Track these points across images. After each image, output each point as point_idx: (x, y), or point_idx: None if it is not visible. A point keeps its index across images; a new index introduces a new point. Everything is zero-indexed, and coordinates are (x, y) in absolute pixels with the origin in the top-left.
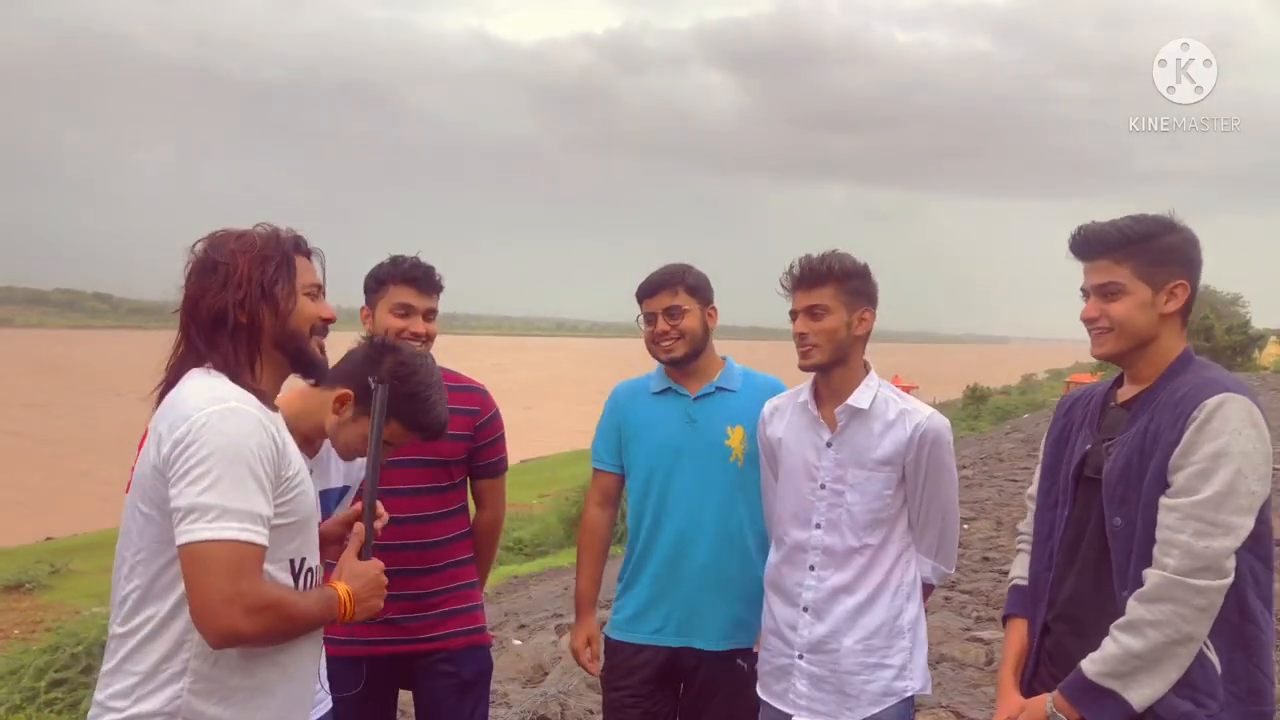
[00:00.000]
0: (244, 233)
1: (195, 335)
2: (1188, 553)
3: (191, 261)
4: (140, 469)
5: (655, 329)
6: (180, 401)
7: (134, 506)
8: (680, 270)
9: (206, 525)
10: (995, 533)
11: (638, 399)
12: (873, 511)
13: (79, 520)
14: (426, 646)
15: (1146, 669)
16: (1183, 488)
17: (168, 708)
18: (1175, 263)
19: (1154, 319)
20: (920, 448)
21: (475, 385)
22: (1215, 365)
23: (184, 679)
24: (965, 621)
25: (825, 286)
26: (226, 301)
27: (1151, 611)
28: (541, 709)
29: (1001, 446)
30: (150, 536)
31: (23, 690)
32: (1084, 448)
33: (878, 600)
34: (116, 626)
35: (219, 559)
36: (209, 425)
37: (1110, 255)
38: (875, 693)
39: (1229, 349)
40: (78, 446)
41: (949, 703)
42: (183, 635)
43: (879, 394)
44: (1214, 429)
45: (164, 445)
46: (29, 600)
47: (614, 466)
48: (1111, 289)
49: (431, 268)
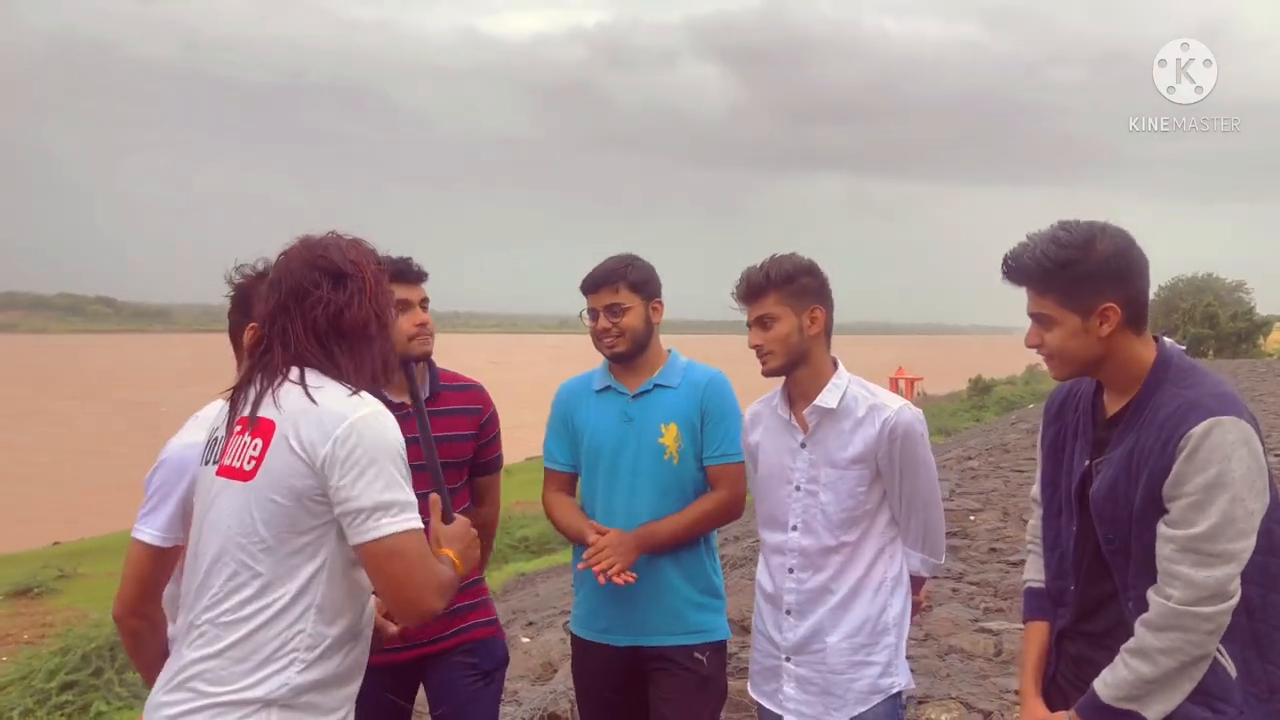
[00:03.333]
0: (356, 241)
1: (331, 343)
2: (1189, 584)
3: (294, 266)
4: (272, 462)
5: (597, 325)
6: (327, 403)
7: (261, 497)
8: (622, 266)
9: (393, 520)
10: (1002, 523)
11: (580, 398)
12: (847, 510)
13: (86, 525)
14: (445, 645)
15: (1161, 689)
16: (1178, 519)
17: (276, 694)
18: (1099, 285)
19: (1092, 342)
20: (891, 443)
21: (475, 384)
22: (1196, 370)
23: (293, 667)
24: (973, 613)
25: (768, 295)
26: (369, 314)
27: (1160, 640)
28: (551, 706)
29: (1007, 437)
30: (281, 524)
31: (34, 693)
32: (1083, 464)
33: (859, 596)
34: (217, 615)
35: (413, 549)
36: (369, 426)
37: (1034, 287)
38: (861, 691)
39: (1233, 336)
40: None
41: (958, 694)
42: (295, 622)
43: (848, 391)
44: (1203, 459)
45: (317, 443)
46: (37, 605)
47: (566, 466)
48: (1043, 320)
49: (409, 258)
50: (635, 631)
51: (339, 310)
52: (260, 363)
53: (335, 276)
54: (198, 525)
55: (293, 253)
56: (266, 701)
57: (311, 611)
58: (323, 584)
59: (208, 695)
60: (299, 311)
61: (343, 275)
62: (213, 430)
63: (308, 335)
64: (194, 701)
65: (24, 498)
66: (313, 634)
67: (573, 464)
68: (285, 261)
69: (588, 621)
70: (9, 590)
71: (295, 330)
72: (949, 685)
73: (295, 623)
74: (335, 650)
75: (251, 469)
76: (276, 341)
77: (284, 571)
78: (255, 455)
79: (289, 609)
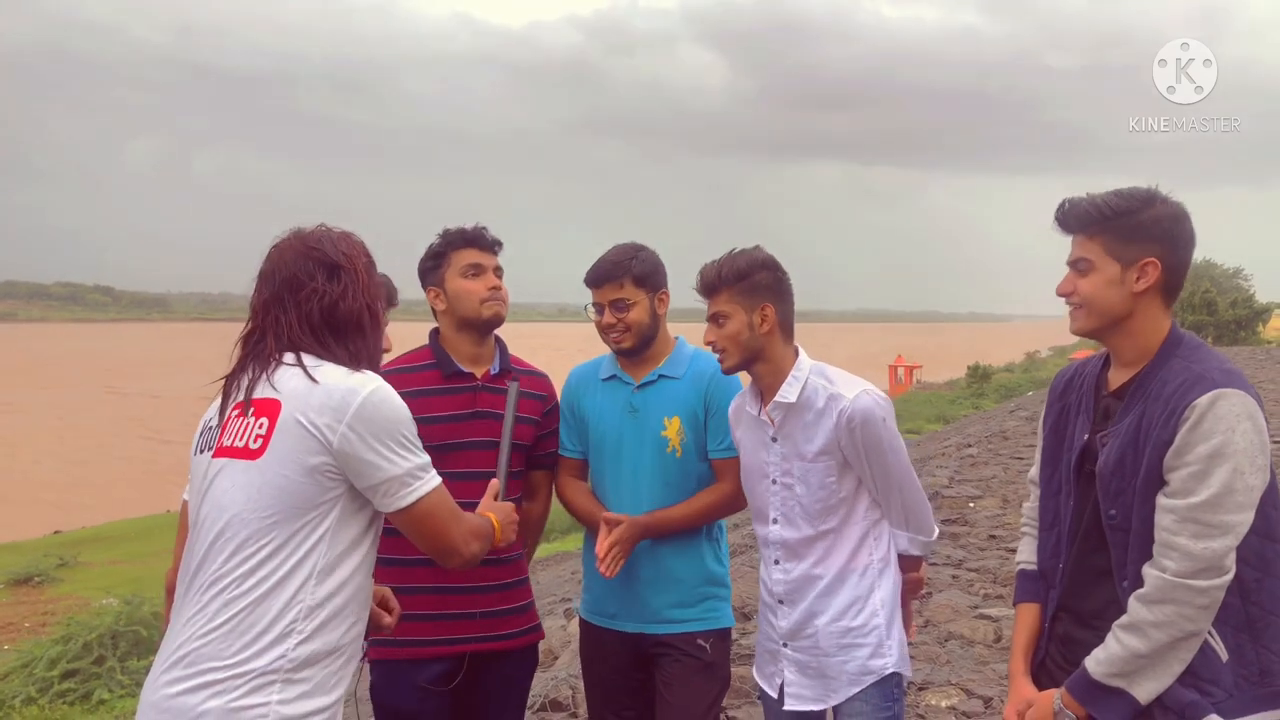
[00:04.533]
0: (346, 234)
1: (325, 334)
2: (1187, 555)
3: (288, 258)
4: (281, 440)
5: (603, 320)
6: (333, 381)
7: (271, 474)
8: (626, 260)
9: (422, 483)
10: (1001, 510)
11: (587, 385)
12: (821, 500)
13: (86, 514)
14: (506, 644)
15: (1151, 666)
16: (1178, 489)
17: (276, 664)
18: (1148, 239)
19: (1124, 296)
20: (850, 431)
21: (542, 373)
22: (1204, 349)
23: (292, 638)
24: (973, 599)
25: (720, 293)
26: (361, 305)
27: (1154, 613)
28: (553, 693)
29: (1006, 424)
30: (290, 499)
31: (36, 681)
32: (1082, 438)
33: (845, 581)
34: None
35: (444, 504)
36: (384, 400)
37: (1085, 230)
38: (853, 672)
39: (1232, 323)
40: (83, 440)
41: (958, 680)
42: (295, 594)
43: (808, 383)
44: (1206, 429)
45: (331, 421)
46: (39, 593)
47: (576, 452)
48: (1082, 265)
49: (484, 228)
50: (642, 618)
51: (333, 302)
52: (253, 351)
53: (329, 268)
54: (195, 507)
55: (286, 244)
56: (266, 672)
57: (310, 583)
58: (322, 556)
59: (209, 670)
60: (293, 303)
61: (336, 267)
62: (205, 423)
63: (301, 326)
64: (196, 679)
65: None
66: (311, 605)
67: (582, 450)
68: (279, 253)
69: (596, 607)
70: (10, 579)
71: (289, 320)
72: (949, 671)
73: (295, 595)
74: (333, 623)
75: (259, 447)
76: (270, 332)
77: (286, 545)
78: (262, 434)
79: (287, 580)
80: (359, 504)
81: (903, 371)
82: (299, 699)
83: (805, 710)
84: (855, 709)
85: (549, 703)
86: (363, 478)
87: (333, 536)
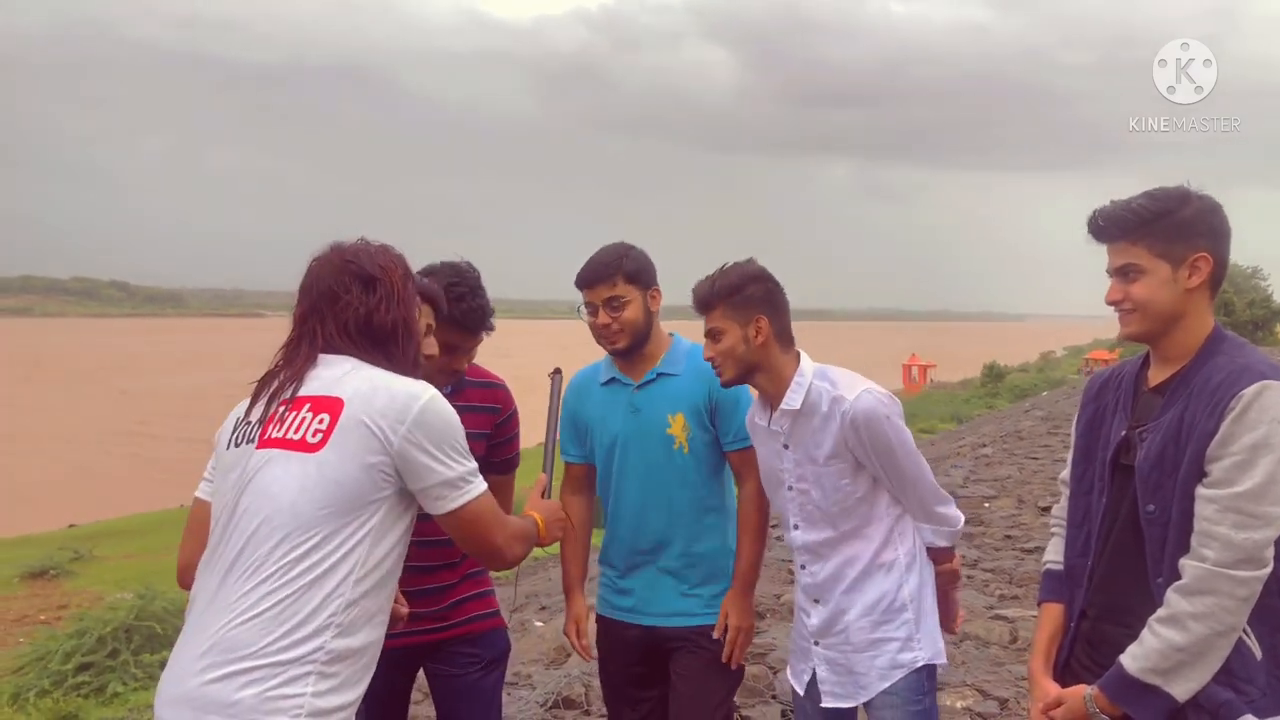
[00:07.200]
0: (384, 247)
1: (366, 347)
2: (1227, 545)
3: (325, 272)
4: (343, 437)
5: (597, 321)
6: (394, 384)
7: (329, 468)
8: (617, 258)
9: (472, 487)
10: (1017, 510)
11: (588, 390)
12: (838, 503)
13: (101, 507)
14: (447, 634)
15: (1190, 662)
16: (1221, 479)
17: (314, 656)
18: (1194, 235)
19: (1178, 295)
20: (855, 432)
21: (497, 382)
22: (1249, 345)
23: (329, 631)
24: (988, 600)
25: (714, 308)
26: (397, 317)
27: (1193, 604)
28: (565, 690)
29: (1021, 424)
30: (345, 494)
31: (50, 675)
32: (1119, 434)
33: (871, 577)
34: (260, 579)
35: (489, 509)
36: (441, 407)
37: (1126, 237)
38: (883, 667)
39: (1249, 323)
40: (98, 434)
41: (973, 680)
42: (336, 588)
43: (812, 388)
44: (1252, 419)
45: (395, 423)
46: (53, 587)
47: (579, 457)
48: (1131, 270)
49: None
50: (657, 612)
51: (368, 313)
52: (289, 356)
53: (365, 281)
54: (234, 496)
55: (324, 258)
56: (304, 662)
57: (351, 578)
58: (366, 552)
59: (245, 657)
60: (331, 314)
61: (372, 280)
62: (235, 419)
63: (341, 334)
64: (230, 665)
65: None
66: (350, 600)
67: (585, 456)
68: (317, 267)
69: (612, 601)
70: (25, 572)
71: (327, 331)
72: (964, 672)
73: (337, 587)
74: (365, 619)
75: (318, 441)
76: (305, 341)
77: (334, 537)
78: (322, 429)
79: (332, 573)
80: (404, 506)
81: (917, 371)
82: (330, 693)
83: (837, 708)
84: (886, 702)
85: (562, 700)
86: (417, 479)
87: (376, 535)
